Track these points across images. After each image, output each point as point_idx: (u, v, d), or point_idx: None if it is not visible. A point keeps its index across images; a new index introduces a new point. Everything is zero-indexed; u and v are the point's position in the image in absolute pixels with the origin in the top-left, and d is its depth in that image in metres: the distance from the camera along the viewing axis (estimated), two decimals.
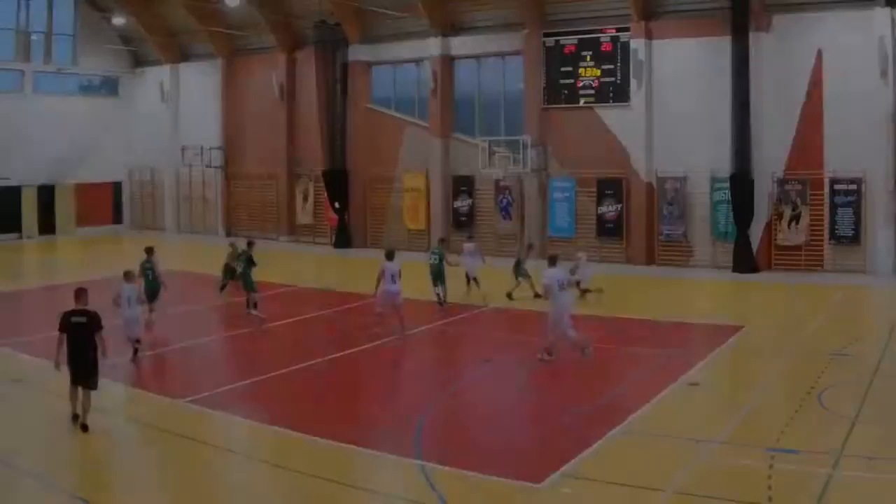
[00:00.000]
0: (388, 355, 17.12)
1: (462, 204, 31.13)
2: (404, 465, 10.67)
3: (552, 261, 16.37)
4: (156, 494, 10.30)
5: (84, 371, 12.09)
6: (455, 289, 22.15)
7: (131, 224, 43.41)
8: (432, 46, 31.33)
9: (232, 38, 38.23)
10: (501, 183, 30.03)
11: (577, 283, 20.64)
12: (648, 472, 10.26)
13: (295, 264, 30.67)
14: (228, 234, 37.04)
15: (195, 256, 30.80)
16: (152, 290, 18.30)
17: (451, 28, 31.28)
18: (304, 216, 36.12)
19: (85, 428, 11.89)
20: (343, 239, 33.78)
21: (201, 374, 16.08)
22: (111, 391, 13.80)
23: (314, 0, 32.89)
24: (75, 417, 12.11)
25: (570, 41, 28.58)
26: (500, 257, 29.00)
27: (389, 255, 18.39)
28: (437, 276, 21.34)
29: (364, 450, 11.25)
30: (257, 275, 20.37)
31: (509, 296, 21.78)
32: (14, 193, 38.69)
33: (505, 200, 30.16)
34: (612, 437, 11.47)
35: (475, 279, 22.86)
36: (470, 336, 18.96)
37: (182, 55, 40.85)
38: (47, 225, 40.26)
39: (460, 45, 31.15)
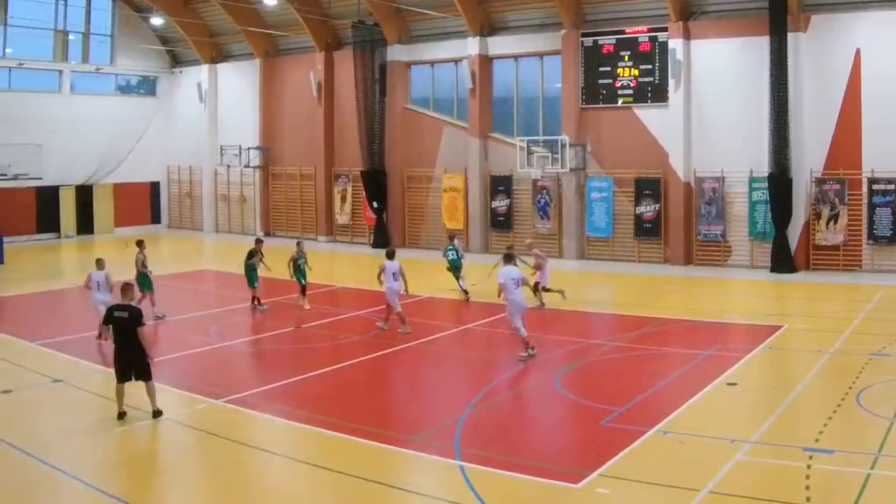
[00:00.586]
0: (425, 355, 17.89)
1: (500, 204, 32.46)
2: (443, 466, 11.22)
3: (508, 259, 17.85)
4: (195, 494, 10.88)
5: (131, 366, 13.11)
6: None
7: (169, 224, 45.48)
8: (470, 46, 32.71)
9: (270, 38, 39.99)
10: (539, 183, 31.31)
11: (536, 284, 21.81)
12: (685, 472, 10.71)
13: (333, 264, 32.40)
14: (267, 235, 38.77)
15: (232, 256, 32.04)
16: (143, 282, 20.86)
17: (489, 28, 32.61)
18: (342, 216, 37.66)
19: (158, 413, 13.08)
20: (381, 239, 35.31)
21: (240, 374, 17.07)
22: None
23: (352, 0, 34.33)
24: (121, 415, 13.04)
25: (608, 41, 29.77)
26: None
27: (390, 255, 19.95)
28: (458, 271, 23.48)
29: (403, 450, 11.88)
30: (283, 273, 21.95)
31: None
32: (52, 193, 40.68)
33: (543, 200, 31.43)
34: (649, 437, 11.97)
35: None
36: (505, 336, 19.50)
37: (220, 55, 42.75)
38: (86, 225, 42.22)
39: (498, 44, 32.51)
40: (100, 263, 18.75)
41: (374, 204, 35.42)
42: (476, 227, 32.87)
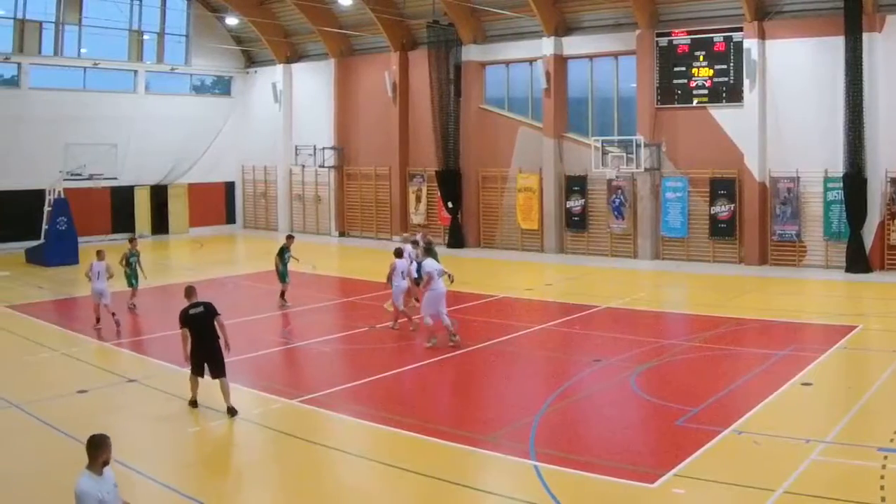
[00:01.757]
0: (500, 355, 19.31)
1: (575, 204, 35.14)
2: (518, 466, 12.23)
3: (429, 252, 21.14)
4: (270, 494, 11.87)
5: (211, 361, 14.81)
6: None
7: (244, 224, 49.40)
8: (545, 46, 35.55)
9: (345, 38, 43.47)
10: (614, 183, 33.91)
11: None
12: (760, 472, 11.50)
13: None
14: (341, 235, 42.06)
15: (307, 257, 34.16)
16: (131, 277, 25.22)
17: (563, 28, 35.33)
18: (416, 216, 40.89)
19: (233, 412, 14.53)
20: (456, 239, 38.43)
21: (314, 374, 18.70)
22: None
23: (427, 0, 37.35)
24: (193, 403, 15.03)
25: (682, 41, 32.23)
26: (616, 258, 33.61)
27: (398, 254, 22.54)
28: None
29: (478, 450, 13.00)
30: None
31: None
32: (127, 194, 44.31)
33: (617, 200, 33.97)
34: (724, 437, 12.91)
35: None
36: (579, 336, 21.37)
37: (295, 55, 46.51)
38: (160, 225, 46.00)
39: (573, 44, 35.31)
40: (100, 255, 22.84)
41: (449, 204, 38.53)
42: (551, 227, 35.61)
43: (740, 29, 30.87)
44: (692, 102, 32.22)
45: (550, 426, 14.07)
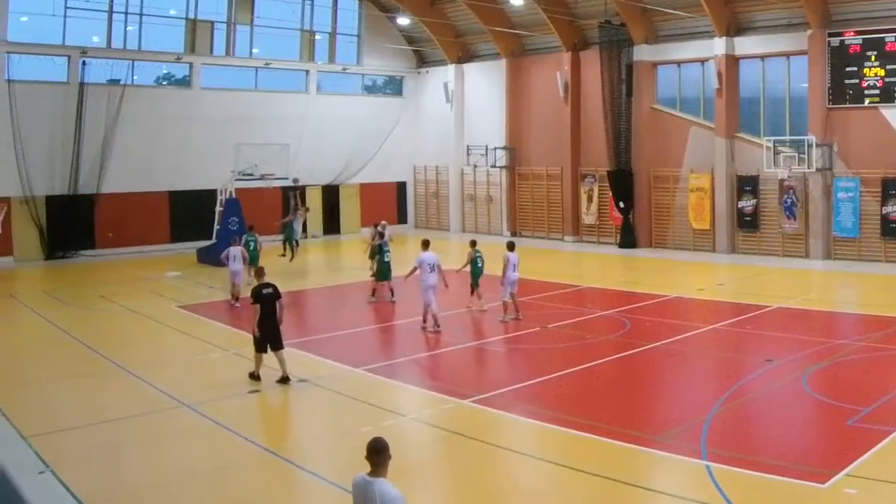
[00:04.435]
0: (672, 355, 21.65)
1: (746, 204, 40.82)
2: (690, 466, 13.64)
3: (426, 245, 25.53)
4: (442, 494, 13.54)
5: (273, 336, 19.01)
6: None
7: (415, 224, 57.16)
8: (717, 46, 41.50)
9: (516, 38, 50.62)
10: (786, 183, 39.40)
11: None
12: None
13: (579, 265, 41.60)
14: (513, 235, 49.39)
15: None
16: (253, 258, 31.31)
17: (735, 28, 41.14)
18: (588, 216, 47.49)
19: (286, 379, 18.97)
20: (628, 239, 44.86)
21: (485, 374, 21.26)
22: (394, 392, 19.07)
23: (599, 0, 43.73)
24: (252, 375, 19.24)
25: (854, 41, 37.48)
26: (787, 258, 38.87)
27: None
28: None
29: (649, 450, 14.51)
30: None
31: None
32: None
33: (789, 200, 39.40)
34: None
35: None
36: (751, 336, 23.82)
37: (466, 55, 54.16)
38: (332, 225, 53.49)
39: (745, 44, 41.16)
40: (235, 241, 31.02)
41: (621, 204, 44.87)
42: (722, 227, 41.54)
43: None
44: (864, 102, 37.42)
45: (722, 426, 15.82)
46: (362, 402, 17.88)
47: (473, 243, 28.81)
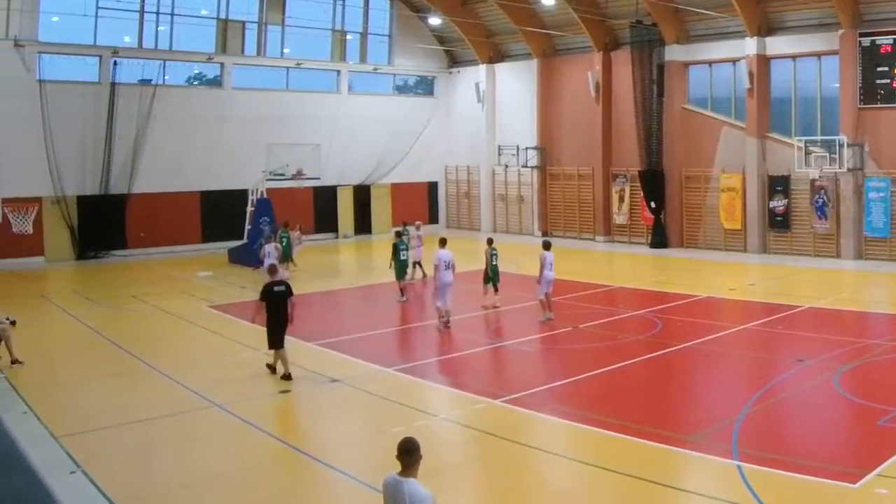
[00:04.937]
0: (703, 355, 21.87)
1: (778, 204, 41.02)
2: (721, 466, 13.83)
3: (443, 243, 26.15)
4: (474, 494, 13.77)
5: (280, 333, 19.41)
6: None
7: (447, 224, 57.73)
8: (748, 46, 41.72)
9: (548, 38, 51.09)
10: (817, 183, 39.56)
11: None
12: None
13: (611, 265, 42.12)
14: (544, 235, 49.70)
15: (510, 257, 36.52)
16: (286, 253, 33.62)
17: (766, 28, 41.39)
18: (619, 216, 47.88)
19: (288, 377, 19.39)
20: (659, 239, 45.17)
21: (517, 374, 21.23)
22: (425, 392, 19.35)
23: (631, 0, 44.10)
24: (270, 366, 19.95)
25: (885, 41, 37.56)
26: (818, 258, 39.11)
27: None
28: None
29: (681, 450, 14.71)
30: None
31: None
32: (330, 194, 52.22)
33: (821, 200, 39.56)
34: None
35: (418, 263, 34.81)
36: (782, 336, 23.99)
37: (497, 55, 54.65)
38: (363, 225, 54.00)
39: (776, 44, 41.38)
40: (268, 239, 33.20)
41: (652, 204, 45.21)
42: (754, 227, 41.79)
43: None
44: (895, 102, 37.45)
45: (753, 426, 15.94)
46: (393, 402, 18.07)
47: (490, 241, 29.38)
